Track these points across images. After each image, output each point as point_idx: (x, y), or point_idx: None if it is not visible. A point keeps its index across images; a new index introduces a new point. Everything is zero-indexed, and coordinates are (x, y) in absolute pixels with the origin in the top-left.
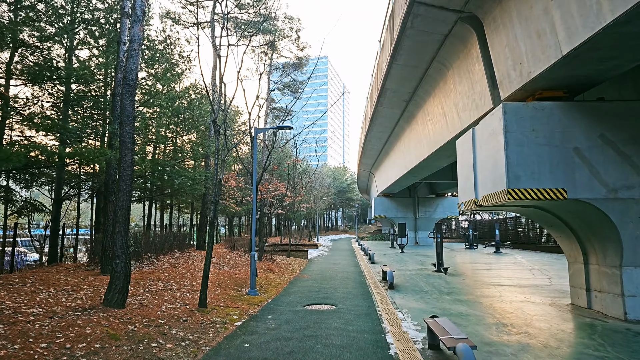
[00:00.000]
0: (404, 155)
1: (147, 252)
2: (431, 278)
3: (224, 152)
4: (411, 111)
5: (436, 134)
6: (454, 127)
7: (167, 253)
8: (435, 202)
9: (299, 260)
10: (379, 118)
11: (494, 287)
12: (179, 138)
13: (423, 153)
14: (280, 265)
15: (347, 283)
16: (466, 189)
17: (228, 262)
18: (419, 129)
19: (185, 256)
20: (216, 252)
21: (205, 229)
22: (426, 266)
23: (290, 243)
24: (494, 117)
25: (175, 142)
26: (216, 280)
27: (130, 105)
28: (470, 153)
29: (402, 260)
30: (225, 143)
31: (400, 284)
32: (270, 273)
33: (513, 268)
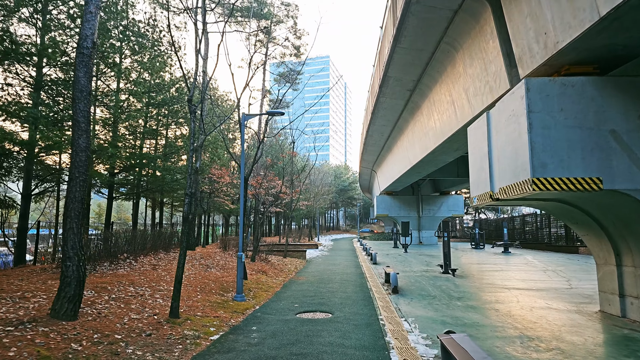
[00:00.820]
0: (407, 150)
1: (124, 253)
2: (438, 280)
3: (201, 136)
4: (415, 102)
5: (443, 125)
6: (463, 115)
7: (149, 254)
8: (440, 200)
9: (296, 261)
10: (381, 110)
11: (509, 291)
12: (170, 132)
13: (428, 146)
14: (275, 266)
15: (347, 286)
16: (479, 182)
17: (217, 263)
18: (424, 121)
19: (171, 257)
20: (206, 252)
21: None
22: (432, 267)
23: (287, 243)
24: (514, 97)
25: (166, 136)
26: (199, 284)
27: (84, 78)
28: (485, 140)
29: (406, 261)
30: (201, 126)
31: (405, 288)
32: (263, 275)
33: (525, 269)
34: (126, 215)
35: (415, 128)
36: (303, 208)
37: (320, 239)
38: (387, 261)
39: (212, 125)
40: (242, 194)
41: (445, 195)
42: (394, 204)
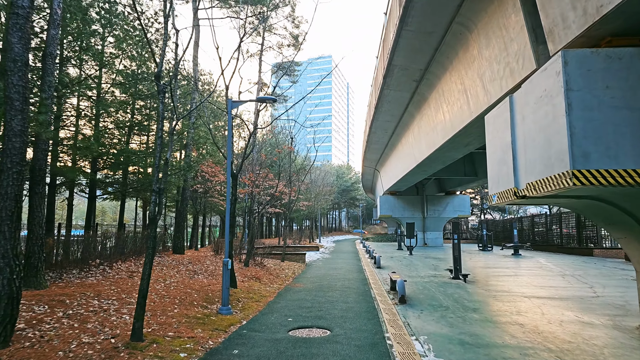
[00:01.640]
0: (413, 147)
1: (97, 259)
2: (449, 287)
3: (173, 120)
4: (422, 93)
5: (453, 117)
6: (477, 105)
7: (130, 258)
8: (445, 201)
9: (294, 266)
10: (385, 104)
11: (529, 300)
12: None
13: (436, 142)
14: (270, 271)
15: (348, 295)
16: (500, 177)
17: (206, 269)
18: (432, 114)
19: (154, 263)
20: (197, 256)
21: (184, 229)
22: (440, 272)
23: (286, 245)
24: (547, 74)
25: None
26: (180, 294)
27: (19, 45)
28: (507, 129)
29: (412, 265)
30: (174, 109)
31: (413, 296)
32: (256, 282)
33: (541, 273)
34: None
35: (421, 123)
36: (303, 209)
37: (322, 240)
38: (391, 265)
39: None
40: (228, 191)
41: (450, 195)
42: (398, 204)
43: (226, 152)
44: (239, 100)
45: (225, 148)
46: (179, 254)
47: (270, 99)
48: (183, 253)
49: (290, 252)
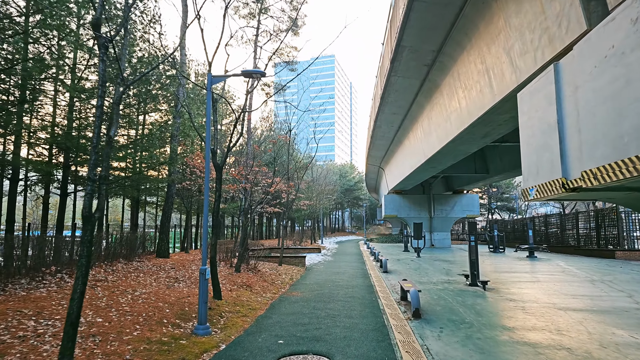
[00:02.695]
0: (421, 141)
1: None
2: (468, 296)
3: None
4: (434, 80)
5: (471, 104)
6: (503, 85)
7: (102, 264)
8: (453, 200)
9: (292, 270)
10: (392, 94)
11: (566, 314)
12: (149, 119)
13: (449, 133)
14: (265, 277)
15: (353, 307)
16: (541, 166)
17: (190, 275)
18: (444, 103)
19: (130, 269)
20: (183, 260)
21: (169, 230)
22: (454, 277)
23: (283, 247)
24: (615, 27)
25: (144, 123)
26: (149, 309)
27: None
28: (551, 105)
29: (421, 268)
30: (120, 71)
31: (428, 308)
32: (246, 291)
33: (567, 279)
34: (116, 216)
35: (432, 114)
36: (304, 208)
37: (324, 241)
38: (398, 269)
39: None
40: (206, 183)
41: (458, 194)
42: (404, 203)
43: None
44: (221, 75)
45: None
46: (163, 257)
47: (258, 72)
48: (167, 257)
49: (290, 255)
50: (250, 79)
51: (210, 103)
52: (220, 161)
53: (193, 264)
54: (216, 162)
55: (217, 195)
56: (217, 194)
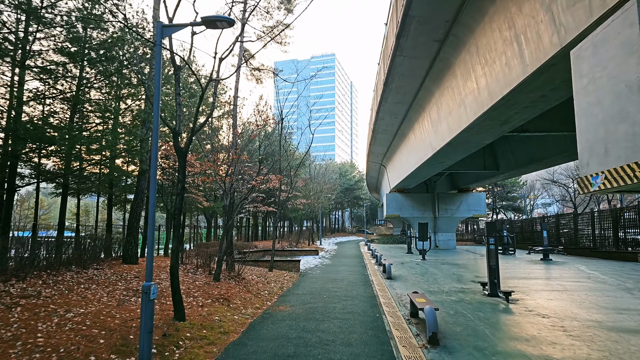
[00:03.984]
0: (428, 133)
1: None
2: (490, 311)
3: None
4: (446, 58)
5: (493, 82)
6: (539, 53)
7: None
8: (458, 199)
9: (284, 276)
10: (396, 79)
11: (620, 337)
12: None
13: (462, 121)
14: (250, 287)
15: (352, 327)
16: (611, 143)
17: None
18: (458, 85)
19: (82, 278)
20: (155, 266)
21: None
22: (467, 284)
23: (274, 250)
24: None
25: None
26: (77, 338)
27: None
28: (630, 56)
29: (429, 273)
30: None
31: (446, 329)
32: (223, 306)
33: (598, 287)
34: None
35: (442, 100)
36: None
37: (323, 242)
38: (404, 274)
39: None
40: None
41: (464, 193)
42: (406, 203)
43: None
44: (174, 25)
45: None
46: (130, 263)
47: (224, 19)
48: (136, 262)
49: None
50: (215, 28)
51: (159, 60)
52: (185, 146)
53: (164, 272)
54: (178, 146)
55: (180, 189)
56: (179, 187)
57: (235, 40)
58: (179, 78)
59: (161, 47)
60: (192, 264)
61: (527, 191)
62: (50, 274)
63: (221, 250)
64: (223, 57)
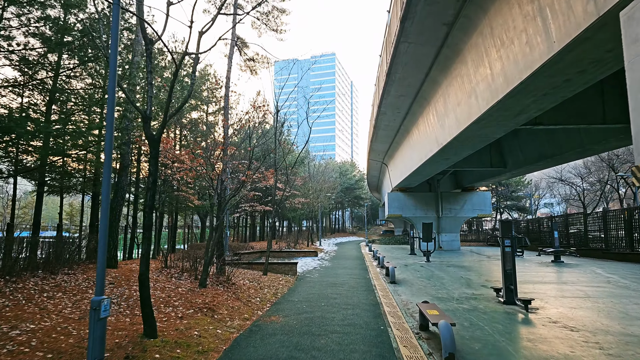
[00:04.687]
0: (434, 127)
1: None
2: (509, 323)
3: None
4: (455, 44)
5: (510, 65)
6: (569, 26)
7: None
8: (462, 198)
9: (279, 280)
10: (400, 69)
11: None
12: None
13: (473, 112)
14: (240, 293)
15: (353, 344)
16: None
17: (131, 295)
18: (469, 73)
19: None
20: (133, 271)
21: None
22: (477, 289)
23: (269, 252)
24: None
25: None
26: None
27: None
28: None
29: (435, 277)
30: None
31: (462, 347)
32: (206, 317)
33: (622, 294)
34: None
35: (449, 90)
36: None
37: (323, 243)
38: (408, 277)
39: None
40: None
41: (469, 192)
42: (409, 202)
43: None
44: None
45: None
46: (108, 267)
47: None
48: (115, 266)
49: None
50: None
51: (117, 23)
52: (157, 132)
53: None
54: (150, 132)
55: (151, 182)
56: (150, 180)
57: (218, 12)
58: (151, 53)
59: (119, 7)
60: (177, 268)
61: (532, 190)
62: (10, 280)
63: (208, 252)
64: (203, 31)
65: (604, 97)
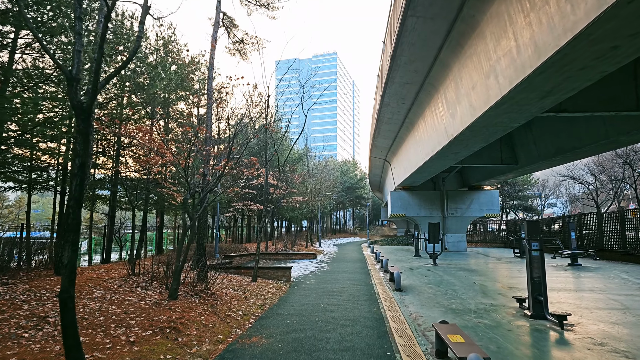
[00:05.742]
0: (443, 117)
1: None
2: (545, 344)
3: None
4: (470, 17)
5: (545, 32)
6: None
7: None
8: (469, 197)
9: (270, 287)
10: (407, 50)
11: None
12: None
13: (493, 93)
14: (219, 305)
15: None
16: None
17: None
18: (487, 49)
19: None
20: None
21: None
22: (496, 298)
23: (258, 256)
24: None
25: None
26: None
27: None
28: None
29: (445, 283)
30: None
31: None
32: (166, 340)
33: None
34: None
35: (462, 73)
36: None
37: (323, 244)
38: (414, 283)
39: None
40: None
41: (475, 191)
42: (412, 201)
43: None
44: None
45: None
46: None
47: None
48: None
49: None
50: None
51: None
52: (87, 99)
53: (101, 286)
54: (76, 97)
55: (79, 166)
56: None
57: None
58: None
59: None
60: (148, 275)
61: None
62: None
63: (179, 258)
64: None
65: (637, 81)
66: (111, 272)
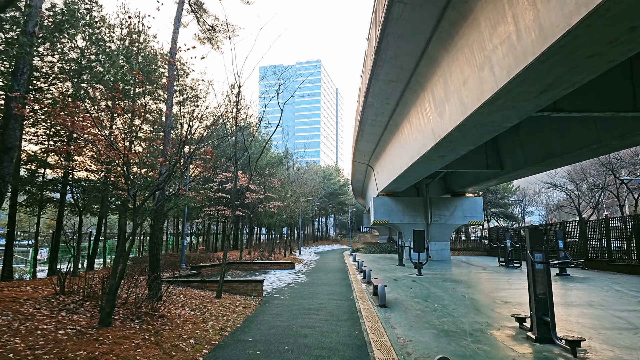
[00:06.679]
0: (430, 117)
1: None
2: None
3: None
4: (464, 2)
5: (551, 9)
6: None
7: None
8: (452, 204)
9: (236, 305)
10: (393, 43)
11: None
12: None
13: (488, 87)
14: (167, 332)
15: None
16: None
17: None
18: (482, 38)
19: None
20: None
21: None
22: (490, 315)
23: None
24: None
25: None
26: None
27: None
28: None
29: (433, 297)
30: None
31: None
32: None
33: None
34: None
35: (452, 67)
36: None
37: (303, 252)
38: (400, 297)
39: None
40: None
41: (459, 197)
42: (395, 208)
43: None
44: None
45: None
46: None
47: None
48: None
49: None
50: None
51: None
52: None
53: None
54: None
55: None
56: None
57: None
58: None
59: None
60: (81, 293)
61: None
62: None
63: (115, 274)
64: None
65: (633, 80)
66: (40, 290)
